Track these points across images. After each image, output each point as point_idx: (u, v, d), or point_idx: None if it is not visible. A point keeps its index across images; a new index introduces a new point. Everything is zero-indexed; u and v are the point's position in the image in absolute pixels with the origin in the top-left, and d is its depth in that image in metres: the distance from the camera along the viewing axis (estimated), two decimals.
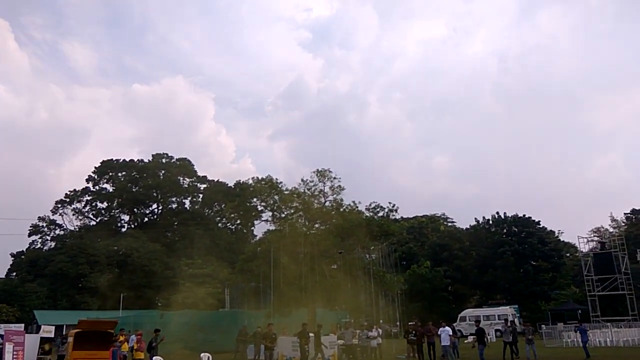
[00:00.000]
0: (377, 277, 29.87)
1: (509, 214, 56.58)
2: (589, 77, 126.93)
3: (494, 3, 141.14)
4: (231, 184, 58.29)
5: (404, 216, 66.38)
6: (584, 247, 46.56)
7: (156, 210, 62.96)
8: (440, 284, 50.96)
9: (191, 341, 25.62)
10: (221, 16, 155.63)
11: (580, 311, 42.60)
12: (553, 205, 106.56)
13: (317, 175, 32.00)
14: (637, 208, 58.59)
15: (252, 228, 57.96)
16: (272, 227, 32.50)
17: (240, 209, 48.30)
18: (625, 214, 60.94)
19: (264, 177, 33.03)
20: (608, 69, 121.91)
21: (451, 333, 20.09)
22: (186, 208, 59.32)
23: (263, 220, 34.73)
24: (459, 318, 45.13)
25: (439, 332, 20.21)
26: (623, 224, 60.48)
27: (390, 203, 32.65)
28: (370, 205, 31.91)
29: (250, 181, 33.97)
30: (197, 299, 38.22)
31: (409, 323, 23.35)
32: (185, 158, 61.81)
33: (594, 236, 53.42)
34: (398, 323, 35.66)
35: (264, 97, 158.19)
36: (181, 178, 60.69)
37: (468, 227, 61.18)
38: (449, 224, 70.07)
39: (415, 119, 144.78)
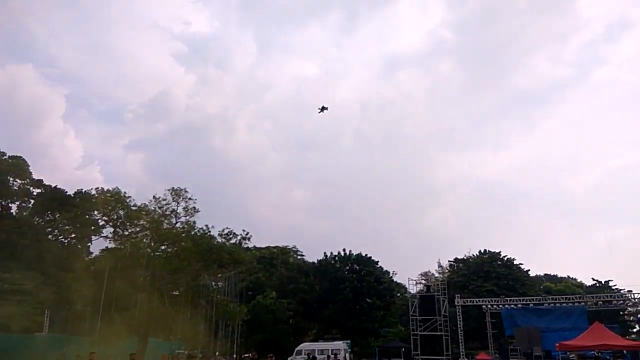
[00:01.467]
0: (220, 306, 29.27)
1: (354, 252, 60.21)
2: (434, 136, 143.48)
3: (362, 55, 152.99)
4: (72, 192, 52.98)
5: (257, 245, 66.58)
6: (413, 289, 51.27)
7: None
8: (283, 316, 51.57)
9: None
10: (88, 9, 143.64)
11: (403, 349, 46.42)
12: (391, 247, 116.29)
13: (171, 193, 30.67)
14: (459, 257, 66.72)
15: (89, 244, 52.82)
16: (112, 245, 30.04)
17: (78, 221, 43.96)
18: (449, 261, 69.00)
19: (111, 188, 30.65)
20: (449, 132, 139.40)
21: None
22: (12, 213, 51.83)
23: (103, 237, 31.95)
24: (295, 352, 45.98)
25: None
26: (447, 271, 68.29)
27: (244, 230, 32.48)
28: (223, 230, 31.38)
29: (94, 191, 31.15)
30: (8, 318, 33.16)
31: (245, 355, 23.14)
32: (20, 156, 54.52)
33: (422, 279, 59.31)
34: (235, 356, 35.12)
35: (124, 104, 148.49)
36: (11, 178, 53.15)
37: (316, 261, 63.48)
38: (299, 256, 71.98)
39: (280, 151, 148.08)
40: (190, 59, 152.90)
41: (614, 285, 67.05)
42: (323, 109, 32.92)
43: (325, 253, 61.66)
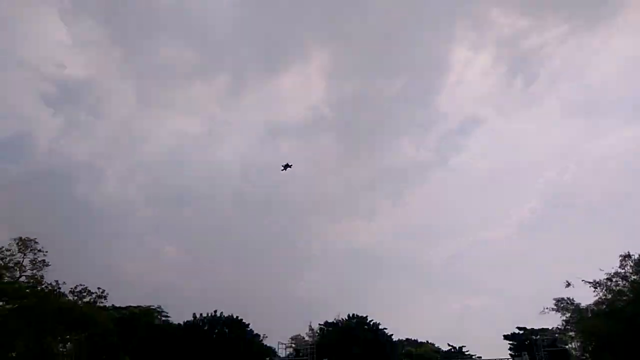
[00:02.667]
0: None
1: (225, 313, 57.91)
2: (312, 203, 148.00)
3: (246, 119, 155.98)
4: None
5: (116, 305, 60.93)
6: (283, 352, 50.44)
7: None
8: None
9: None
10: None
11: None
12: (264, 308, 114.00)
13: (17, 243, 27.29)
14: (329, 321, 67.50)
15: None
16: None
17: None
18: (319, 325, 69.40)
19: None
20: (327, 200, 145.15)
21: None
22: None
23: None
24: None
25: None
26: (317, 334, 68.44)
27: (99, 289, 29.80)
28: (75, 287, 28.45)
29: None
30: None
31: None
32: None
33: (292, 343, 58.64)
34: None
35: None
36: None
37: (182, 323, 59.71)
38: (164, 317, 67.18)
39: (153, 205, 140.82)
40: (60, 101, 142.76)
41: (467, 351, 72.58)
42: (287, 166, 32.34)
43: (194, 314, 58.54)
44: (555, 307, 49.39)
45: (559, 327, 50.55)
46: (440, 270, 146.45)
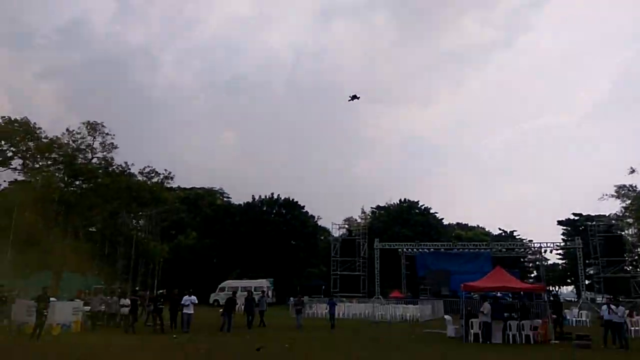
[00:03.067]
0: (140, 245, 28.71)
1: (281, 196, 60.79)
2: (366, 88, 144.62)
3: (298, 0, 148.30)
4: None
5: (182, 186, 65.15)
6: (336, 233, 53.13)
7: None
8: (205, 256, 51.68)
9: None
10: None
11: (324, 287, 48.57)
12: (318, 193, 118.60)
13: (86, 127, 28.86)
14: (381, 205, 69.57)
15: None
16: (21, 178, 28.05)
17: None
18: (371, 208, 71.81)
19: (20, 118, 28.21)
20: (381, 85, 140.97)
21: (196, 302, 20.51)
22: None
23: (11, 168, 29.65)
24: (218, 288, 46.66)
25: (182, 301, 20.28)
26: (369, 217, 71.14)
27: (166, 170, 31.53)
28: (144, 169, 30.29)
29: (0, 120, 28.52)
30: None
31: (160, 290, 23.07)
32: None
33: (345, 224, 61.39)
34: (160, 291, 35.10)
35: (35, 27, 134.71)
36: None
37: (242, 203, 63.46)
38: (225, 198, 71.55)
39: (209, 91, 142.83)
40: None
41: (518, 235, 73.49)
42: (354, 97, 31.46)
43: (253, 196, 61.81)
44: (615, 193, 48.06)
45: (617, 213, 49.64)
46: (497, 158, 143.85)
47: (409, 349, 15.74)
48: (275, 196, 60.86)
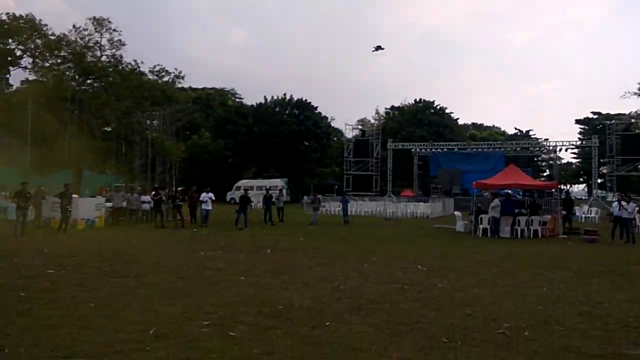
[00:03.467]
0: (156, 144, 29.01)
1: (294, 97, 59.95)
2: None
3: None
4: None
5: (193, 86, 64.36)
6: (349, 134, 53.05)
7: None
8: (220, 155, 52.45)
9: None
10: None
11: (337, 187, 49.59)
12: (332, 94, 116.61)
13: (93, 23, 27.88)
14: (395, 105, 68.52)
15: (8, 76, 48.60)
16: (33, 77, 27.80)
17: None
18: (385, 108, 70.86)
19: (25, 14, 27.25)
20: None
21: (213, 199, 21.25)
22: None
23: (21, 67, 29.30)
24: (234, 187, 47.96)
25: (201, 198, 21.06)
26: (383, 117, 70.45)
27: (176, 69, 30.88)
28: (154, 67, 29.64)
29: (5, 17, 27.62)
30: None
31: (178, 189, 23.75)
32: None
33: (359, 125, 61.04)
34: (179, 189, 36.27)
35: None
36: None
37: (254, 104, 62.95)
38: (237, 99, 70.87)
39: None
40: None
41: (533, 135, 72.76)
42: (378, 48, 28.93)
43: (265, 97, 61.09)
44: (638, 91, 46.49)
45: (638, 112, 48.41)
46: (517, 54, 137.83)
47: (417, 242, 16.33)
48: (287, 97, 60.03)
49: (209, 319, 6.17)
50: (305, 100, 60.00)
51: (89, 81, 27.83)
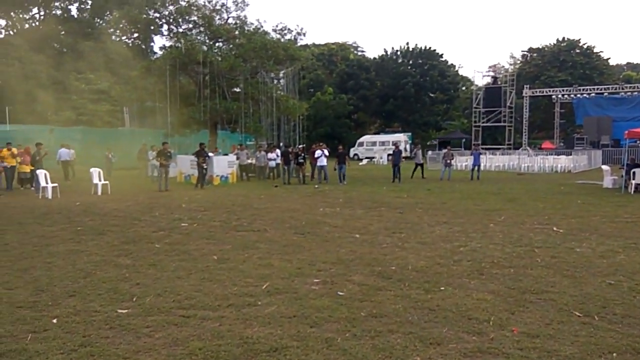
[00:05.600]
0: (280, 102, 29.86)
1: (419, 46, 57.30)
2: None
3: None
4: None
5: (315, 42, 64.86)
6: (480, 82, 49.61)
7: (37, 16, 55.08)
8: (343, 111, 52.69)
9: (87, 157, 24.91)
10: None
11: (464, 140, 47.10)
12: (460, 38, 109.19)
13: None
14: (534, 47, 61.79)
15: (152, 43, 53.48)
16: (169, 43, 30.17)
17: (137, 21, 43.20)
18: (522, 51, 64.32)
19: None
20: None
21: (327, 154, 21.23)
22: (73, 16, 52.51)
23: (159, 34, 31.99)
24: (357, 143, 48.14)
25: (315, 155, 21.17)
26: (519, 62, 64.23)
27: (298, 26, 31.13)
28: (277, 26, 30.20)
29: None
30: (93, 116, 36.33)
31: (300, 146, 24.23)
32: None
33: (490, 72, 56.48)
34: (300, 146, 37.35)
35: None
36: None
37: (376, 57, 61.57)
38: (359, 53, 69.92)
39: None
40: None
41: None
42: None
43: (385, 49, 59.46)
44: None
45: None
46: None
47: (554, 200, 14.70)
48: (410, 47, 57.54)
49: (320, 276, 6.17)
50: (429, 48, 57.02)
51: (218, 44, 29.34)
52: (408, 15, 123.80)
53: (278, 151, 23.92)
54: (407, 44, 57.83)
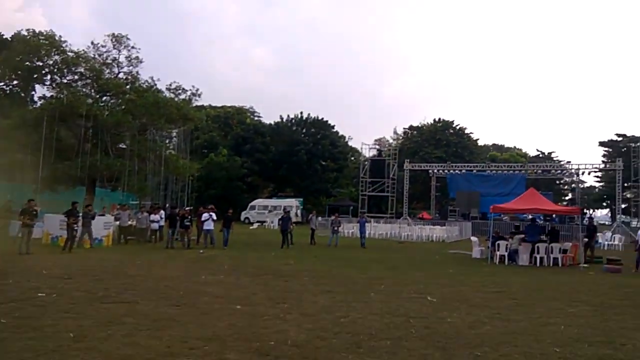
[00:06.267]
0: (169, 161, 28.95)
1: (312, 115, 59.85)
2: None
3: None
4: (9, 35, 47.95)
5: (212, 104, 64.93)
6: (366, 153, 52.61)
7: None
8: (237, 174, 52.35)
9: None
10: None
11: (352, 207, 48.98)
12: (350, 112, 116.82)
13: (111, 40, 28.28)
14: (414, 125, 67.87)
15: (33, 92, 49.61)
16: (50, 93, 28.21)
17: (18, 68, 40.08)
18: (404, 128, 70.29)
19: (45, 31, 27.84)
20: None
21: (215, 218, 20.61)
22: None
23: (41, 84, 29.79)
24: (249, 207, 47.76)
25: (202, 218, 20.51)
26: (401, 137, 69.87)
27: (193, 86, 30.93)
28: (170, 85, 29.77)
29: (25, 33, 28.20)
30: None
31: (186, 208, 23.42)
32: None
33: (376, 145, 60.55)
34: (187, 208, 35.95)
35: None
36: None
37: (272, 123, 63.01)
38: (256, 117, 71.15)
39: (241, 4, 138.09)
40: None
41: (556, 157, 71.18)
42: None
43: (280, 116, 61.22)
44: None
45: None
46: (541, 75, 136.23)
47: (430, 268, 15.61)
48: (304, 115, 59.97)
49: (192, 356, 5.70)
50: (322, 118, 59.80)
51: (105, 98, 28.10)
52: (304, 86, 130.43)
53: (162, 212, 22.78)
54: (301, 113, 60.19)
